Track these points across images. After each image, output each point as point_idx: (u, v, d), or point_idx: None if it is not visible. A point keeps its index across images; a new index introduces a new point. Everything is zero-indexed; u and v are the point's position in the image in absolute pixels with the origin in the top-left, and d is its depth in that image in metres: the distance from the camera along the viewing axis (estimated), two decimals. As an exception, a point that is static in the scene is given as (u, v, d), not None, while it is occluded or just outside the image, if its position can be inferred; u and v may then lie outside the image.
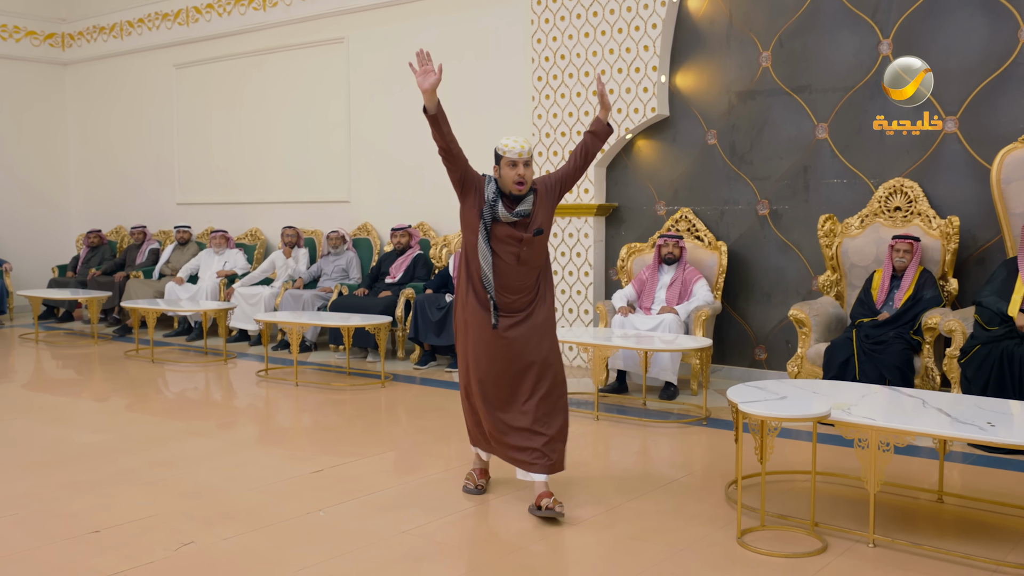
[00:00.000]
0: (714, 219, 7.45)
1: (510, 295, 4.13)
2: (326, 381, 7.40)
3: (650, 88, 7.46)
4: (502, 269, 4.10)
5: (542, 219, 4.13)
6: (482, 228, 4.07)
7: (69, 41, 12.72)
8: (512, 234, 4.07)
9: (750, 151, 7.23)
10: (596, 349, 6.06)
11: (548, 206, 4.18)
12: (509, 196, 4.08)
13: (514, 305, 4.15)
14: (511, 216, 4.05)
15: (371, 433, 5.77)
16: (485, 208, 4.07)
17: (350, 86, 9.77)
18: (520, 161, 4.02)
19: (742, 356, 7.38)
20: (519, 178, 4.02)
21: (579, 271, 7.97)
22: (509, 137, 4.10)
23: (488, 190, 4.10)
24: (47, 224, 12.78)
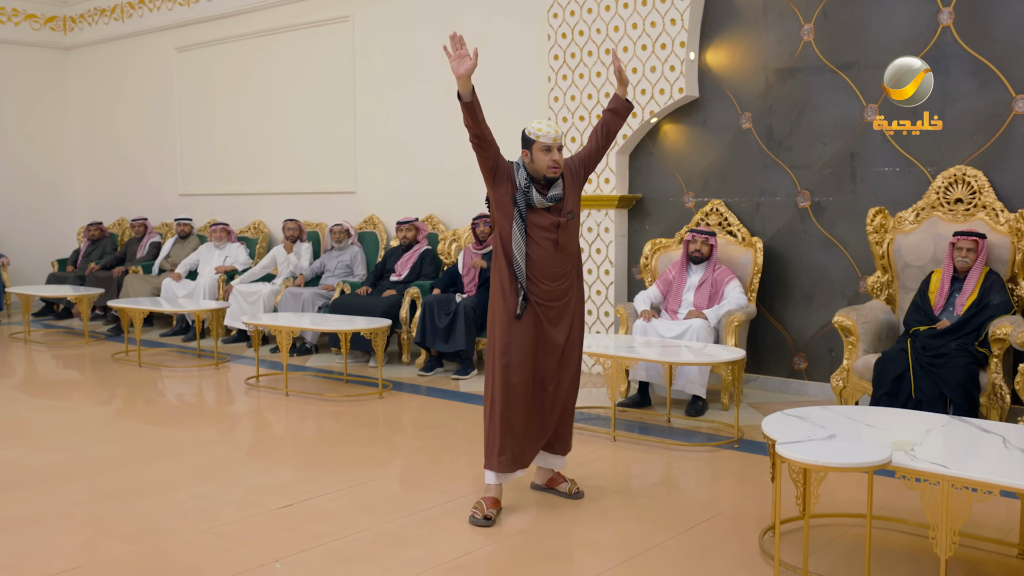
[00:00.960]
0: (749, 212, 6.69)
1: (550, 283, 4.09)
2: (320, 390, 6.76)
3: (677, 67, 6.71)
4: (540, 257, 4.05)
5: (572, 203, 4.13)
6: (517, 216, 4.00)
7: (71, 24, 12.17)
8: (548, 220, 4.04)
9: (789, 136, 6.46)
10: (613, 361, 5.35)
11: (575, 189, 4.16)
12: (541, 181, 4.03)
13: (554, 293, 4.11)
14: (546, 201, 4.01)
15: (357, 456, 5.10)
16: (518, 195, 4.00)
17: (356, 68, 9.10)
18: (555, 146, 3.98)
19: (780, 365, 6.63)
20: (554, 164, 3.98)
21: (599, 269, 7.26)
22: (540, 121, 4.04)
23: (519, 177, 4.04)
24: (49, 216, 12.26)
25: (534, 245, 4.02)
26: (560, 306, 4.15)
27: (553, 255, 4.06)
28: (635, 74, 6.92)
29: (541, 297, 4.08)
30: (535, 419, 4.20)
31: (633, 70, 6.92)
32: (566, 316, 4.19)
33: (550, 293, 4.10)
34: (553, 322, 4.14)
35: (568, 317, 4.20)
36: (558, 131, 4.01)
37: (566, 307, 4.18)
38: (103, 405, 6.40)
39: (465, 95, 3.82)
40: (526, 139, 4.02)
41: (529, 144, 4.02)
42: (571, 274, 4.19)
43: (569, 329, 4.20)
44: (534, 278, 4.07)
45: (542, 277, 4.06)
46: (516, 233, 4.01)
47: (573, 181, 4.14)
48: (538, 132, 3.98)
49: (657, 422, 5.81)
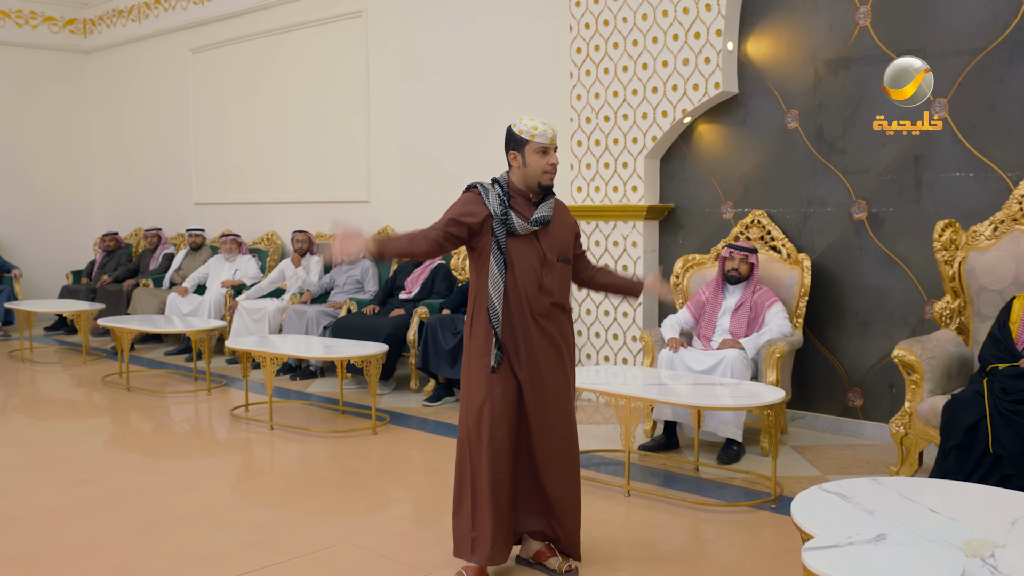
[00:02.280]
0: (795, 225, 5.82)
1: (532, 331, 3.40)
2: (309, 423, 6.05)
3: (713, 58, 5.87)
4: (520, 298, 3.38)
5: (561, 244, 3.46)
6: (495, 248, 3.34)
7: (91, 27, 11.72)
8: (532, 251, 3.37)
9: (842, 137, 5.58)
10: (627, 402, 4.53)
11: (565, 234, 3.50)
12: (528, 195, 3.40)
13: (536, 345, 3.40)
14: (528, 226, 3.35)
15: (322, 512, 4.36)
16: (495, 223, 3.35)
17: (369, 68, 8.41)
18: (551, 147, 3.38)
19: (831, 401, 5.74)
20: (551, 167, 3.38)
21: (626, 288, 6.43)
22: (532, 118, 3.41)
23: (491, 202, 3.37)
24: (66, 226, 11.80)
25: (513, 283, 3.36)
26: (544, 361, 3.42)
27: (536, 298, 3.38)
28: (665, 67, 6.09)
29: (521, 348, 3.39)
30: (526, 490, 3.51)
31: (663, 63, 6.09)
32: (552, 375, 3.45)
33: (532, 344, 3.39)
34: (536, 381, 3.42)
35: (555, 377, 3.46)
36: (553, 129, 3.40)
37: (551, 363, 3.44)
38: (64, 438, 5.75)
39: (377, 254, 3.29)
40: (516, 139, 3.39)
41: (520, 145, 3.38)
42: (559, 325, 3.47)
43: (557, 391, 3.47)
44: (512, 324, 3.38)
45: (522, 324, 3.38)
46: (493, 267, 3.34)
47: (563, 224, 3.50)
48: (532, 131, 3.36)
49: (683, 470, 4.98)
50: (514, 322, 3.38)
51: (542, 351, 3.41)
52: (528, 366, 3.40)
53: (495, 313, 3.34)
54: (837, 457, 5.19)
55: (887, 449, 5.27)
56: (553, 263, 3.40)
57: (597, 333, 6.60)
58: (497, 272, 3.34)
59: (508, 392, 3.39)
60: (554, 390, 3.45)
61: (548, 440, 3.44)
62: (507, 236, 3.35)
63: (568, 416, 3.52)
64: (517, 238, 3.35)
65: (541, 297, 3.38)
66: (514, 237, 3.35)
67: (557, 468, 3.46)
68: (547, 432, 3.44)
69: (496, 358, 3.36)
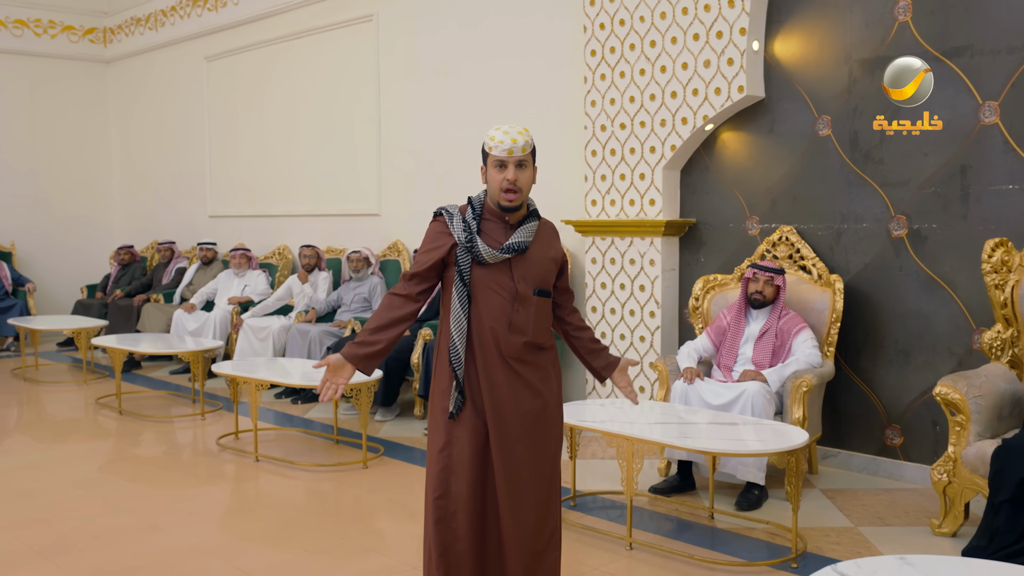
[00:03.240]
0: (827, 242, 5.27)
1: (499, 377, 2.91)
2: (298, 454, 5.62)
3: (737, 59, 5.35)
4: (487, 336, 2.90)
5: (541, 274, 2.96)
6: (457, 279, 2.89)
7: (110, 36, 11.50)
8: (501, 284, 2.91)
9: (880, 144, 5.03)
10: (627, 443, 4.02)
11: (547, 264, 3.00)
12: (500, 219, 2.95)
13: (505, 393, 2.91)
14: (497, 254, 2.88)
15: (290, 568, 3.92)
16: (459, 250, 2.90)
17: (380, 76, 8.01)
18: (511, 161, 2.88)
19: (867, 438, 5.16)
20: (509, 186, 2.87)
21: (643, 311, 5.92)
22: (499, 127, 2.94)
23: (456, 227, 2.93)
24: (84, 239, 11.56)
25: (479, 320, 2.90)
26: (516, 410, 2.91)
27: (505, 337, 2.90)
28: (685, 70, 5.58)
29: (485, 394, 2.91)
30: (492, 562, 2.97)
31: (683, 65, 5.58)
32: (527, 427, 2.94)
33: (499, 390, 2.90)
34: (505, 433, 2.91)
35: (531, 429, 2.95)
36: (517, 139, 2.88)
37: (527, 413, 2.93)
38: (30, 471, 5.33)
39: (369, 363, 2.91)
40: (482, 152, 2.97)
41: (484, 158, 2.95)
42: (537, 368, 2.97)
43: (533, 447, 2.96)
44: (477, 367, 2.91)
45: (489, 367, 2.91)
46: (455, 300, 2.90)
47: (545, 256, 3.00)
48: (490, 142, 2.91)
49: (697, 517, 4.45)
50: (478, 364, 2.91)
51: (514, 399, 2.91)
52: (495, 415, 2.90)
53: (455, 354, 2.90)
54: (872, 503, 4.63)
55: (930, 495, 4.69)
56: (527, 297, 2.91)
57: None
58: (459, 306, 2.89)
59: (473, 442, 2.91)
60: (530, 446, 2.94)
61: (517, 507, 2.90)
62: (473, 265, 2.89)
63: (544, 479, 2.97)
64: (485, 268, 2.89)
65: (512, 337, 2.90)
66: (482, 266, 2.89)
67: (522, 544, 2.91)
68: (516, 497, 2.90)
69: (455, 402, 2.91)
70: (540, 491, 2.96)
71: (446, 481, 2.89)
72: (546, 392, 2.99)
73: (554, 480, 3.03)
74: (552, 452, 3.02)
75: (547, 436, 3.00)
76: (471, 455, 2.91)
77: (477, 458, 2.92)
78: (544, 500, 2.97)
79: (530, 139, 2.92)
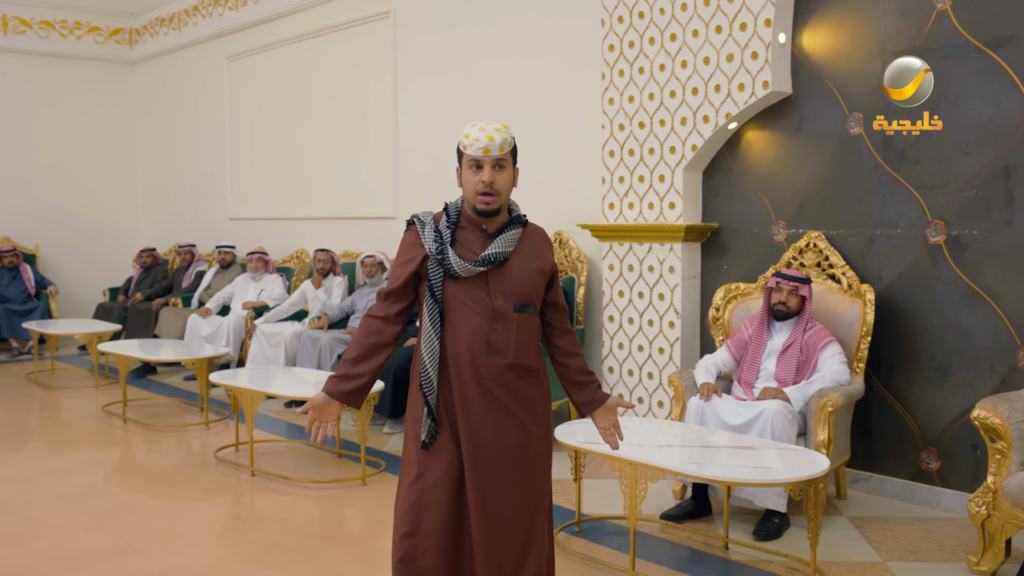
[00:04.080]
0: (858, 249, 4.89)
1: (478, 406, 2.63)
2: (297, 469, 5.36)
3: (761, 53, 4.99)
4: (463, 359, 2.61)
5: (523, 288, 2.66)
6: (428, 296, 2.61)
7: (136, 37, 11.40)
8: (479, 298, 2.61)
9: (916, 144, 4.64)
10: (631, 468, 3.69)
11: (531, 276, 2.69)
12: (479, 225, 2.67)
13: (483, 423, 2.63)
14: (471, 267, 2.59)
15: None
16: (430, 263, 2.61)
17: (397, 74, 7.75)
18: (487, 160, 2.59)
19: (901, 462, 4.77)
20: (484, 187, 2.59)
21: (662, 321, 5.58)
22: (475, 123, 2.66)
23: (427, 237, 2.64)
24: (109, 241, 11.47)
25: (453, 340, 2.62)
26: (496, 441, 2.63)
27: (483, 359, 2.61)
28: (707, 65, 5.23)
29: (462, 423, 2.63)
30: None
31: (704, 59, 5.23)
32: (509, 458, 2.65)
33: (476, 419, 2.62)
34: (483, 466, 2.63)
35: (514, 461, 2.66)
36: (494, 137, 2.60)
37: (509, 443, 2.65)
38: (19, 484, 5.11)
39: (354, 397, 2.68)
40: (457, 150, 2.70)
41: (459, 158, 2.68)
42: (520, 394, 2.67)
43: (515, 482, 2.66)
44: (452, 392, 2.64)
45: (465, 392, 2.62)
46: (426, 319, 2.63)
47: (529, 268, 2.69)
48: (465, 140, 2.63)
49: (711, 547, 4.11)
50: (454, 389, 2.63)
51: (494, 429, 2.63)
52: (472, 447, 2.62)
53: (427, 378, 2.63)
54: (904, 535, 4.24)
55: (969, 525, 4.29)
56: (506, 314, 2.62)
57: (630, 371, 5.76)
58: (430, 325, 2.61)
59: (449, 474, 2.63)
60: (512, 482, 2.65)
61: (494, 547, 2.61)
62: (445, 279, 2.60)
63: (527, 518, 2.68)
64: (458, 282, 2.61)
65: (490, 359, 2.61)
66: (455, 281, 2.61)
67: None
68: (493, 537, 2.61)
69: (428, 431, 2.63)
70: (521, 530, 2.67)
71: (416, 517, 2.61)
72: (531, 423, 2.70)
73: (538, 517, 2.74)
74: (537, 488, 2.73)
75: (531, 471, 2.70)
76: (446, 489, 2.63)
77: (453, 493, 2.64)
78: (526, 540, 2.68)
79: (509, 137, 2.63)
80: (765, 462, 3.66)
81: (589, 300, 6.19)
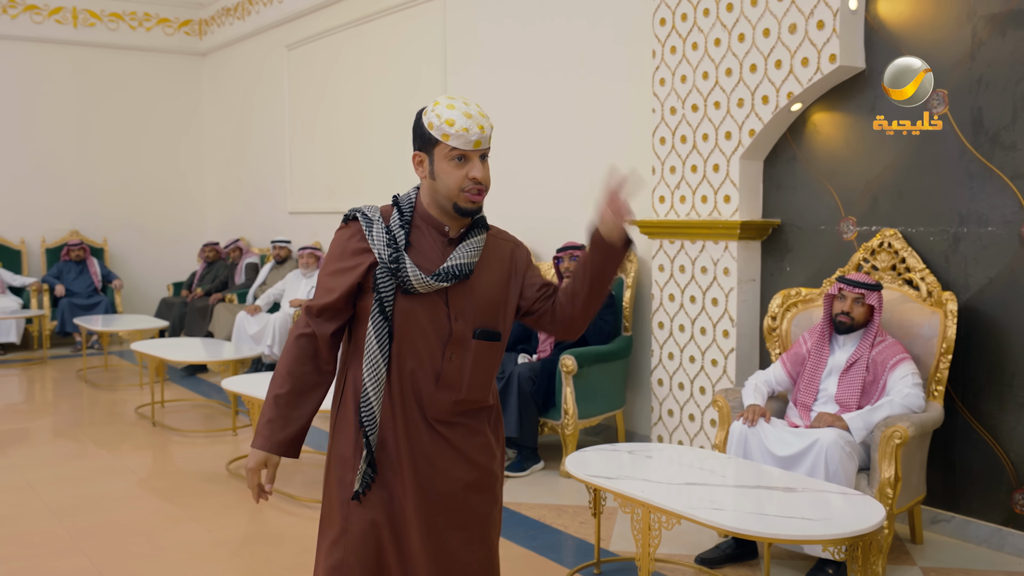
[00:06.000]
0: (941, 251, 4.16)
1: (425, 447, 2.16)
2: (306, 484, 4.94)
3: (829, 22, 4.30)
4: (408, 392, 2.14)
5: (487, 308, 2.18)
6: (376, 311, 2.09)
7: (204, 28, 11.24)
8: (434, 319, 2.12)
9: (1011, 126, 3.89)
10: (644, 512, 3.11)
11: (498, 291, 2.20)
12: (441, 228, 2.16)
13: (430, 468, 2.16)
14: (431, 281, 2.10)
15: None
16: (379, 270, 2.09)
17: (447, 61, 7.26)
18: (476, 154, 2.10)
19: (990, 503, 4.03)
20: (475, 185, 2.10)
21: (715, 329, 4.94)
22: (452, 103, 2.10)
23: (376, 239, 2.12)
24: (177, 235, 11.33)
25: (399, 367, 2.13)
26: (444, 490, 2.17)
27: (431, 394, 2.14)
28: (766, 38, 4.56)
29: (405, 468, 2.15)
30: None
31: (764, 32, 4.57)
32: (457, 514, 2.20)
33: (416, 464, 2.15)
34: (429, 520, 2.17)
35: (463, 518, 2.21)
36: (486, 126, 2.10)
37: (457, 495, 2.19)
38: (15, 494, 4.85)
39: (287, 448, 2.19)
40: (423, 134, 2.13)
41: (428, 144, 2.13)
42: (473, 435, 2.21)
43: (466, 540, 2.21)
44: (396, 430, 2.14)
45: (409, 432, 2.14)
46: (372, 340, 2.10)
47: (496, 281, 2.20)
48: (447, 126, 2.07)
49: (749, 601, 3.49)
50: (398, 426, 2.13)
51: (442, 475, 2.16)
52: (416, 497, 2.14)
53: (370, 411, 2.10)
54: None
55: (1070, 585, 3.56)
56: (465, 340, 2.15)
57: (680, 384, 5.13)
58: (377, 347, 2.10)
59: (381, 533, 2.14)
60: (465, 533, 2.19)
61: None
62: (397, 294, 2.10)
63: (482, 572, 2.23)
64: (413, 297, 2.11)
65: (439, 393, 2.15)
66: (409, 296, 2.11)
67: None
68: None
69: (364, 478, 2.12)
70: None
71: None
72: (487, 464, 2.22)
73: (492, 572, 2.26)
74: (487, 547, 2.25)
75: (484, 524, 2.23)
76: (376, 550, 2.15)
77: (385, 555, 2.16)
78: None
79: (491, 126, 2.13)
80: (805, 509, 3.02)
81: (638, 304, 5.58)
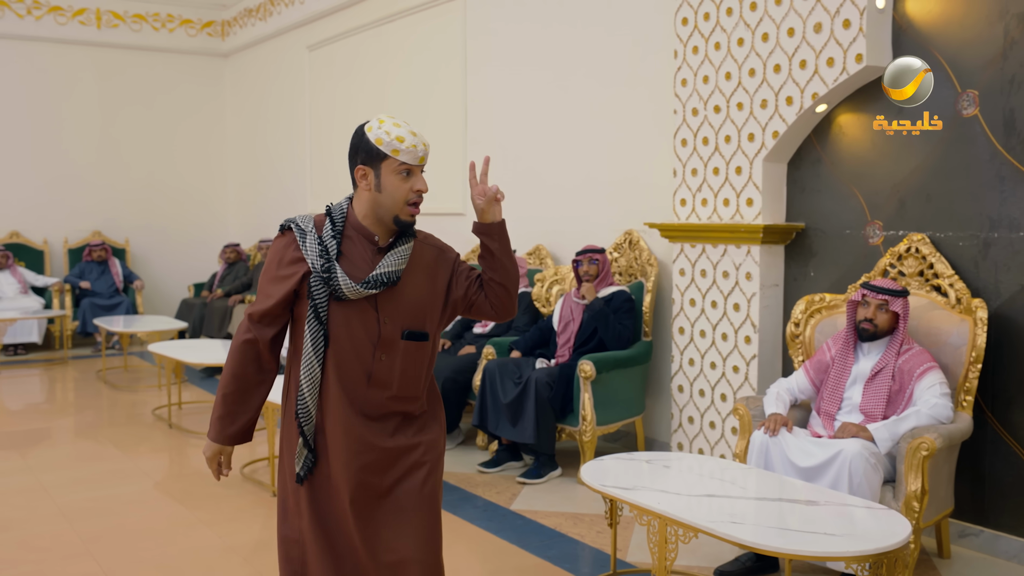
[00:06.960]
0: (971, 257, 4.03)
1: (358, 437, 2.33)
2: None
3: (855, 21, 4.19)
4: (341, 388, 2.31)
5: (414, 311, 2.36)
6: (311, 317, 2.28)
7: (227, 29, 11.25)
8: (365, 323, 2.31)
9: (1045, 127, 3.77)
10: (660, 523, 3.02)
11: (425, 296, 2.39)
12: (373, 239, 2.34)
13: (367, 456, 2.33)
14: (360, 288, 2.27)
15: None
16: (313, 279, 2.28)
17: (467, 60, 7.20)
18: (419, 168, 2.33)
19: (1020, 516, 3.90)
20: (418, 197, 2.33)
21: (736, 335, 4.84)
22: (396, 121, 2.30)
23: (309, 249, 2.30)
24: (199, 236, 11.35)
25: (335, 368, 2.31)
26: (379, 484, 2.36)
27: (363, 392, 2.34)
28: (791, 37, 4.46)
29: (342, 458, 2.32)
30: None
31: (788, 31, 4.46)
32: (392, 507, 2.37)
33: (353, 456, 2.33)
34: (367, 511, 2.34)
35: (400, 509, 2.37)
36: (426, 143, 2.35)
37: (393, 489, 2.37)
38: (20, 497, 4.81)
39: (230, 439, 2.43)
40: (369, 149, 2.31)
41: (374, 159, 2.31)
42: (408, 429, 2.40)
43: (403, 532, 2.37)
44: (335, 424, 2.32)
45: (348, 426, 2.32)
46: (307, 344, 2.30)
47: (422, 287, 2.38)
48: (397, 142, 2.27)
49: (769, 617, 3.39)
50: (336, 421, 2.32)
51: (377, 469, 2.34)
52: (356, 487, 2.33)
53: (305, 408, 2.32)
54: (1019, 612, 3.42)
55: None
56: (394, 341, 2.33)
57: (701, 391, 5.03)
58: (312, 351, 2.30)
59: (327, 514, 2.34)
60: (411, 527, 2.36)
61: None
62: (330, 300, 2.29)
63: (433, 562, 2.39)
64: (345, 303, 2.30)
65: (371, 391, 2.34)
66: (341, 302, 2.30)
67: None
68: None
69: (304, 462, 2.34)
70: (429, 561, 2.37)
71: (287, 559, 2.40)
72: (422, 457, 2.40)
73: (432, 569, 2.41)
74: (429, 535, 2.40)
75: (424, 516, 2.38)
76: (323, 531, 2.33)
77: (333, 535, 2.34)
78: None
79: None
80: (827, 524, 2.91)
81: (658, 309, 5.48)
